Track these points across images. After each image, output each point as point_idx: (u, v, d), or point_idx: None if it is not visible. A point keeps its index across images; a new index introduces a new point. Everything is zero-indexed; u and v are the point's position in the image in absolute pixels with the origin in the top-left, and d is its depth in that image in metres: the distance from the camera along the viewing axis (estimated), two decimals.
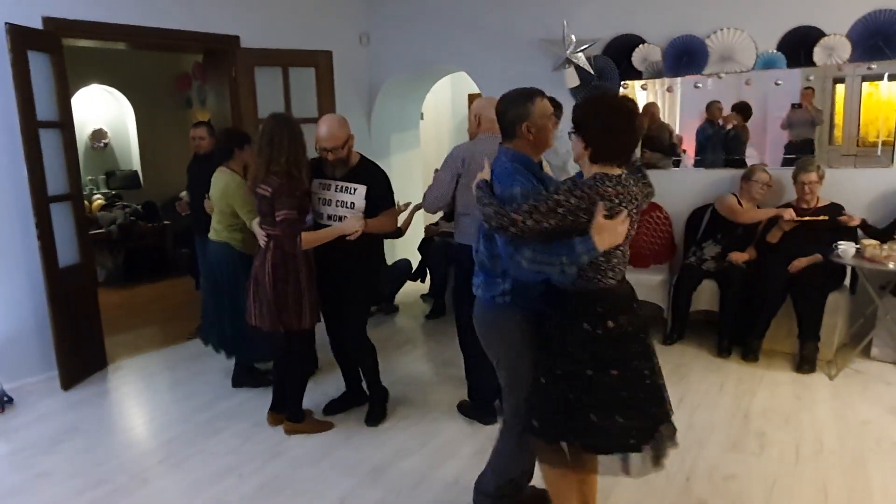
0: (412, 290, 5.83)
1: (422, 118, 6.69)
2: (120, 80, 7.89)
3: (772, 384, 3.77)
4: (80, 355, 4.14)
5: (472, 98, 7.04)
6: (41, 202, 3.85)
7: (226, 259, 3.65)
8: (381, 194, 3.20)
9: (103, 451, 3.26)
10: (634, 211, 1.97)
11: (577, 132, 1.99)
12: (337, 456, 3.10)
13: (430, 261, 5.46)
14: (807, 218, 4.01)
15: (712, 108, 4.63)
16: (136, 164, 8.30)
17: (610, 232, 1.87)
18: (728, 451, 3.02)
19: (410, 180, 6.31)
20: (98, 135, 8.12)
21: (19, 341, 3.97)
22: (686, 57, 4.41)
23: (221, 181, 3.62)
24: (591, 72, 4.63)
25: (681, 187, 4.69)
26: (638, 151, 4.56)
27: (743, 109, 4.57)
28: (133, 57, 7.65)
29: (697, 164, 4.77)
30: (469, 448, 3.14)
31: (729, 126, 4.64)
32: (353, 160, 3.21)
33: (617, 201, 1.90)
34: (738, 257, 4.21)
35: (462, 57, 5.36)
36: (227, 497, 2.79)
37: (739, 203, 4.22)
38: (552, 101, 3.79)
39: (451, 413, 3.52)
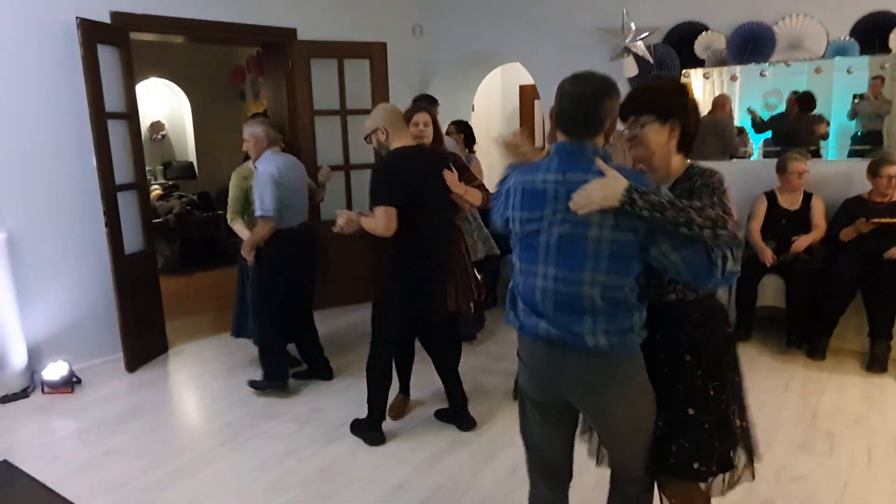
0: None
1: (473, 110, 6.67)
2: (177, 74, 8.10)
3: (840, 384, 3.63)
4: (143, 339, 4.28)
5: (523, 89, 6.99)
6: (109, 191, 3.98)
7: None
8: (371, 191, 2.97)
9: (167, 432, 3.36)
10: None
11: (670, 119, 1.71)
12: (393, 443, 3.12)
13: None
14: (885, 220, 3.78)
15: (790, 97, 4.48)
16: (191, 156, 8.52)
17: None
18: (796, 452, 2.92)
19: None
20: (156, 127, 8.37)
21: (87, 325, 4.12)
22: (752, 44, 4.26)
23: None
24: (651, 61, 4.53)
25: (742, 178, 4.55)
26: None
27: (805, 101, 4.41)
28: (189, 51, 7.84)
29: (766, 155, 4.63)
30: (517, 445, 3.11)
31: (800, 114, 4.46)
32: (383, 153, 3.06)
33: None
34: (800, 244, 4.03)
35: (516, 47, 5.31)
36: (286, 480, 2.84)
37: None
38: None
39: (505, 402, 3.51)
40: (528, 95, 6.98)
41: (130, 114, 4.24)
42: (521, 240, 1.73)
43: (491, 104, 7.12)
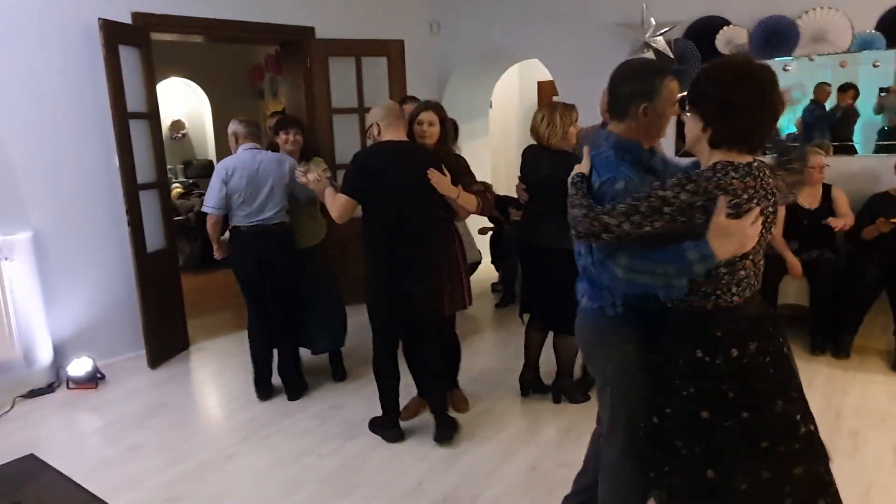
0: (483, 279, 5.82)
1: (490, 106, 6.65)
2: (196, 73, 8.19)
3: (865, 383, 3.57)
4: (165, 336, 4.34)
5: (541, 86, 6.95)
6: (131, 190, 4.04)
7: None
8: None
9: (190, 428, 3.41)
10: (770, 209, 1.55)
11: (694, 108, 1.60)
12: (412, 440, 3.13)
13: (499, 251, 5.43)
14: None
15: (820, 88, 4.40)
16: (211, 154, 8.61)
17: (735, 235, 1.47)
18: None
19: (479, 169, 6.27)
20: (177, 126, 8.47)
21: (110, 322, 4.19)
22: (774, 38, 4.20)
23: None
24: (671, 56, 4.48)
25: None
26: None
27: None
28: (209, 50, 7.91)
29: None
30: (545, 435, 3.12)
31: (840, 106, 4.37)
32: None
33: (745, 196, 1.49)
34: (835, 223, 3.86)
35: (534, 43, 5.29)
36: (307, 475, 2.86)
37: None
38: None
39: (524, 400, 3.50)
40: (545, 92, 6.94)
41: (152, 113, 4.30)
42: None
43: (508, 101, 7.09)
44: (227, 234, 3.59)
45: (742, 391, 1.57)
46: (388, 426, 3.14)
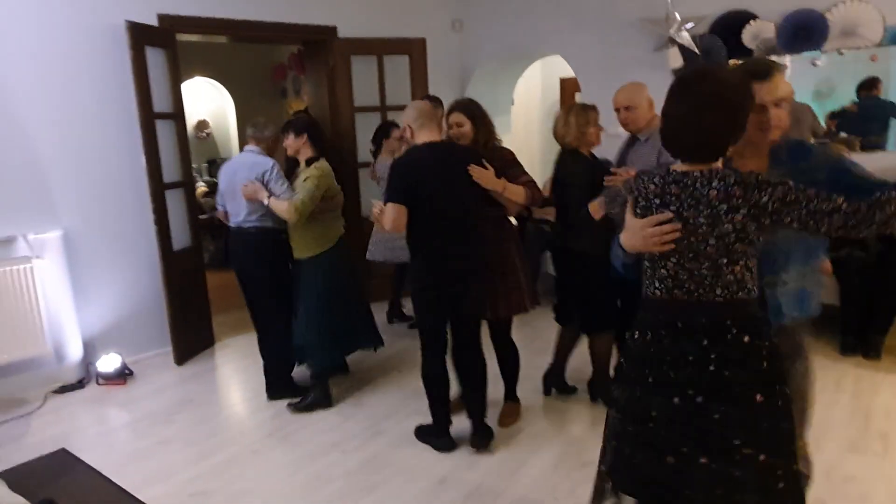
0: None
1: (512, 104, 6.63)
2: (220, 73, 8.26)
3: (895, 383, 3.50)
4: (190, 333, 4.40)
5: (564, 83, 6.91)
6: (158, 189, 4.10)
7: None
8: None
9: (216, 423, 3.45)
10: (702, 219, 1.56)
11: None
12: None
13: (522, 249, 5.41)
14: None
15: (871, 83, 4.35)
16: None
17: (632, 233, 1.65)
18: (847, 452, 2.84)
19: None
20: (201, 125, 8.57)
21: (138, 319, 4.26)
22: (803, 32, 4.11)
23: None
24: (697, 51, 4.42)
25: None
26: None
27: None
28: (232, 50, 7.98)
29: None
30: (568, 433, 3.11)
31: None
32: None
33: (657, 201, 1.61)
34: None
35: (556, 40, 5.25)
36: (331, 471, 2.89)
37: None
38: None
39: (547, 398, 3.50)
40: (568, 88, 6.89)
41: (177, 113, 4.35)
42: None
43: (531, 98, 7.06)
44: None
45: (631, 372, 1.72)
46: (438, 434, 3.03)
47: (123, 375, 3.98)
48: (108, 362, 3.94)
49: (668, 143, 1.64)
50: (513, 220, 3.72)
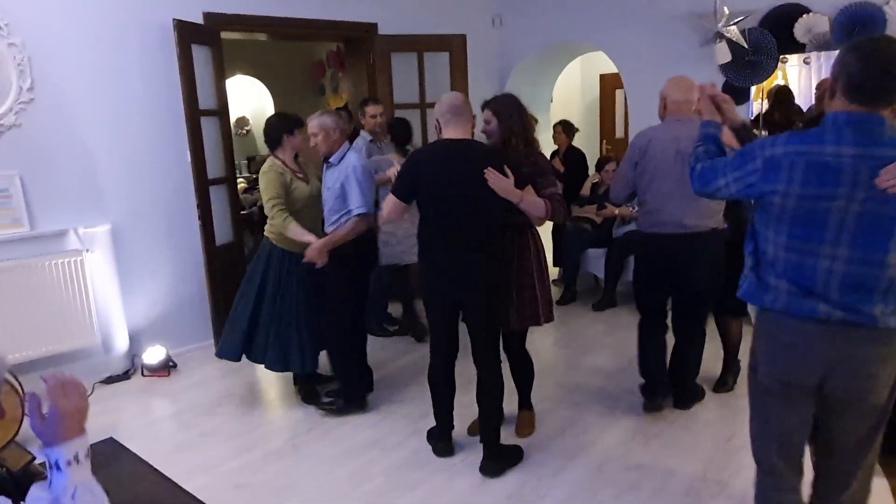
0: None
1: (551, 101, 6.56)
2: (260, 70, 8.37)
3: None
4: None
5: (604, 79, 6.81)
6: (202, 185, 4.16)
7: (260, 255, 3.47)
8: None
9: (256, 417, 3.49)
10: None
11: None
12: (475, 438, 3.10)
13: (561, 247, 5.35)
14: None
15: None
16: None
17: None
18: None
19: None
20: (241, 122, 8.69)
21: (181, 312, 4.33)
22: (859, 26, 3.97)
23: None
24: (746, 46, 4.30)
25: None
26: None
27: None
28: (272, 47, 8.07)
29: None
30: (611, 437, 3.06)
31: None
32: None
33: None
34: None
35: (599, 35, 5.17)
36: (371, 468, 2.89)
37: None
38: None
39: (590, 399, 3.44)
40: (608, 85, 6.80)
41: (221, 110, 4.42)
42: (795, 216, 1.65)
43: (570, 95, 6.98)
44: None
45: None
46: (437, 437, 2.97)
47: (167, 367, 4.06)
48: (153, 354, 4.02)
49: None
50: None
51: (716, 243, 3.02)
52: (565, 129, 5.59)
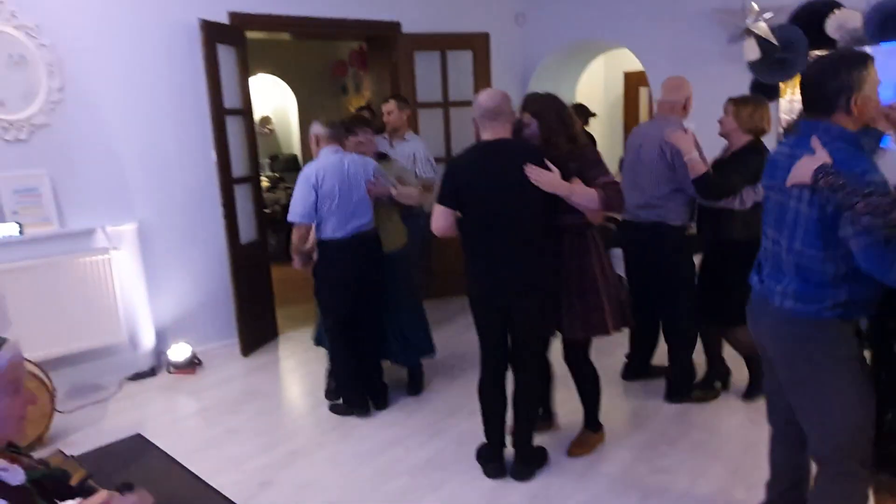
0: None
1: (574, 99, 6.50)
2: (282, 69, 8.41)
3: None
4: (256, 325, 4.49)
5: (628, 77, 6.74)
6: (227, 183, 4.19)
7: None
8: None
9: (281, 415, 3.52)
10: None
11: None
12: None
13: None
14: None
15: None
16: (296, 149, 8.85)
17: None
18: None
19: None
20: (264, 121, 8.76)
21: (206, 310, 4.37)
22: (893, 22, 3.87)
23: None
24: (775, 43, 4.22)
25: None
26: None
27: None
28: (294, 46, 8.11)
29: None
30: (639, 438, 3.03)
31: None
32: None
33: None
34: None
35: (624, 32, 5.11)
36: (395, 467, 2.89)
37: None
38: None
39: (614, 401, 3.40)
40: (632, 83, 6.72)
41: (246, 110, 4.44)
42: (765, 206, 2.02)
43: (593, 93, 6.90)
44: (311, 245, 3.37)
45: None
46: (487, 458, 2.81)
47: (193, 364, 4.10)
48: (179, 351, 4.06)
49: None
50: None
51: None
52: (578, 112, 5.43)
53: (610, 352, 3.64)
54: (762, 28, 4.23)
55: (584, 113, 5.43)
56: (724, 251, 3.13)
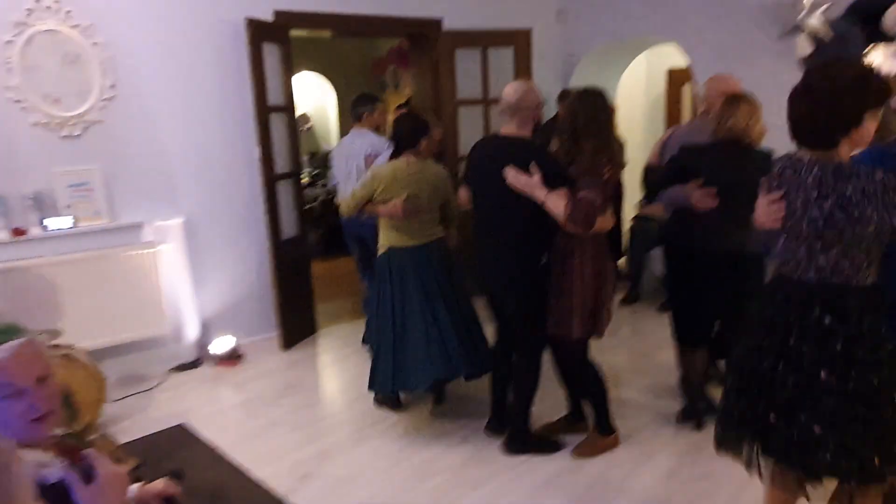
0: None
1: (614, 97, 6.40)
2: (322, 67, 8.50)
3: None
4: (296, 319, 4.54)
5: (672, 74, 6.61)
6: (269, 180, 4.24)
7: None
8: None
9: (321, 409, 3.55)
10: None
11: None
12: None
13: (630, 246, 5.21)
14: None
15: None
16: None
17: None
18: None
19: None
20: (303, 119, 8.85)
21: (248, 304, 4.44)
22: None
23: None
24: (829, 38, 4.08)
25: None
26: None
27: None
28: (334, 44, 8.19)
29: None
30: (679, 444, 2.96)
31: None
32: None
33: None
34: None
35: (669, 27, 5.00)
36: (435, 464, 2.89)
37: None
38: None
39: (655, 403, 3.35)
40: (676, 80, 6.58)
41: (288, 107, 4.49)
42: None
43: (635, 90, 6.78)
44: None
45: None
46: (490, 421, 3.11)
47: (234, 357, 4.17)
48: (222, 344, 4.14)
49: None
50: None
51: None
52: None
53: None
54: (816, 23, 4.10)
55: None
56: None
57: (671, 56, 5.52)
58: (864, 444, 1.73)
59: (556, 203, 2.48)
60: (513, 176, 2.54)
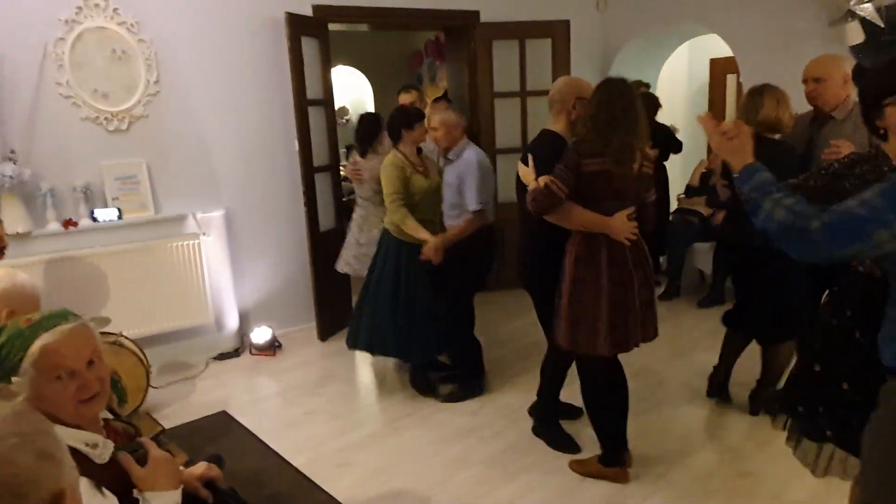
0: None
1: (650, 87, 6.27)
2: (359, 61, 8.55)
3: None
4: (333, 311, 4.59)
5: (714, 63, 6.45)
6: (308, 172, 4.30)
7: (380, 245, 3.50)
8: None
9: (357, 399, 3.59)
10: None
11: None
12: (572, 430, 3.02)
13: (668, 240, 5.12)
14: None
15: None
16: None
17: None
18: None
19: None
20: (341, 112, 8.93)
21: (286, 294, 4.51)
22: None
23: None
24: (882, 25, 3.92)
25: None
26: None
27: None
28: (371, 37, 8.22)
29: None
30: (718, 442, 2.91)
31: None
32: None
33: None
34: None
35: (711, 15, 4.87)
36: (470, 456, 2.90)
37: None
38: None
39: (693, 401, 3.29)
40: (718, 70, 6.42)
41: (327, 100, 4.54)
42: None
43: (676, 81, 6.65)
44: None
45: None
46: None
47: (273, 347, 4.25)
48: (261, 334, 4.22)
49: None
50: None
51: None
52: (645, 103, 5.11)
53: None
54: (867, 9, 3.94)
55: (649, 104, 5.16)
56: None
57: (713, 45, 5.38)
58: None
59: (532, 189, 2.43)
60: (522, 169, 2.58)
